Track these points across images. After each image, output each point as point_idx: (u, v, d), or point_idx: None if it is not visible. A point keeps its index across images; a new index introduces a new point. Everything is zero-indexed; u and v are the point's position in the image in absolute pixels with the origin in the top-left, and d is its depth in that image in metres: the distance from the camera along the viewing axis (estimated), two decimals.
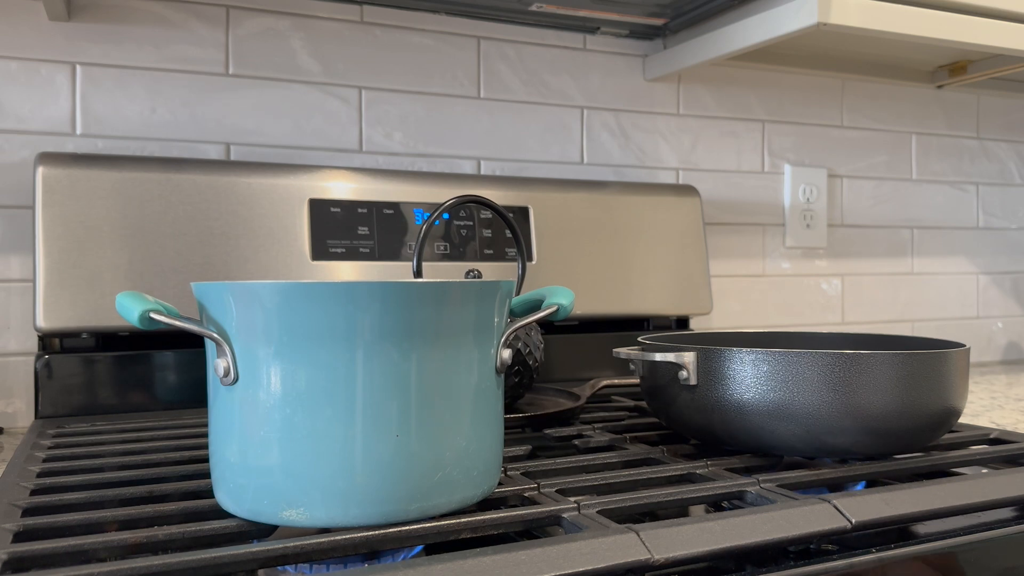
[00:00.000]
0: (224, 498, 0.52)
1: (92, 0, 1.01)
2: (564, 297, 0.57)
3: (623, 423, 0.83)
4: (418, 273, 0.85)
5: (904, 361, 0.63)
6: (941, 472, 0.67)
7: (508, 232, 1.10)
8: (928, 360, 0.64)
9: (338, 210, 1.02)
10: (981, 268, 1.64)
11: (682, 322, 1.25)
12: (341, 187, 1.03)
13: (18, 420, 0.99)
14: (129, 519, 0.52)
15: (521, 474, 0.62)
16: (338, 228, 1.02)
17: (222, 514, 0.52)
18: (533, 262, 1.11)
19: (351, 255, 1.02)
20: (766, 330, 0.84)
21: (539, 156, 1.24)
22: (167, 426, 0.84)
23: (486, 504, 0.55)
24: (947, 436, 0.76)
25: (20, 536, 0.50)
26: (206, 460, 0.65)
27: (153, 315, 0.49)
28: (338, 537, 0.47)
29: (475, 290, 0.51)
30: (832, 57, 1.41)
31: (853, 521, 0.53)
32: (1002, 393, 1.24)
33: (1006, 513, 0.60)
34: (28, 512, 0.54)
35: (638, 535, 0.47)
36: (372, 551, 0.49)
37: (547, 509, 0.52)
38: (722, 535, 0.49)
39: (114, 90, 1.02)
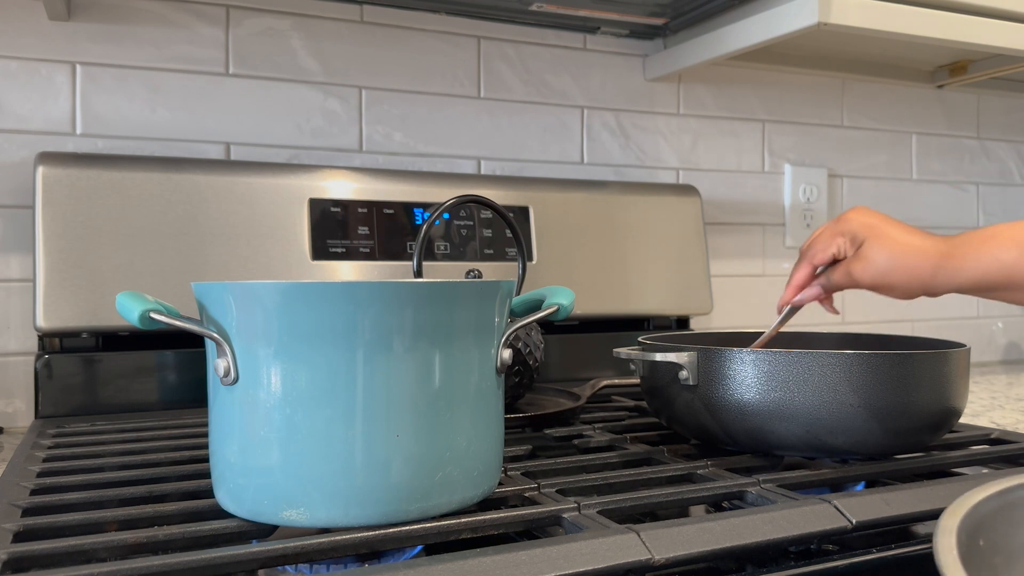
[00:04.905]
0: (224, 498, 0.52)
1: (92, 0, 1.01)
2: (564, 297, 0.57)
3: (623, 423, 0.83)
4: (418, 273, 0.85)
5: (904, 361, 0.63)
6: (941, 472, 0.67)
7: (508, 232, 1.10)
8: (928, 360, 0.64)
9: (338, 210, 1.02)
10: None
11: (682, 322, 1.25)
12: (341, 187, 1.03)
13: (18, 420, 0.99)
14: (129, 519, 0.52)
15: (521, 474, 0.62)
16: (338, 228, 1.02)
17: (222, 514, 0.52)
18: (533, 262, 1.11)
19: (351, 255, 1.02)
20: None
21: (539, 156, 1.24)
22: (167, 426, 0.84)
23: (486, 504, 0.55)
24: (947, 436, 0.76)
25: (20, 536, 0.50)
26: (206, 460, 0.65)
27: (153, 315, 0.49)
28: (338, 537, 0.47)
29: (475, 290, 0.51)
30: (832, 57, 1.41)
31: (853, 521, 0.53)
32: (1002, 393, 1.24)
33: None
34: (28, 512, 0.54)
35: (638, 535, 0.47)
36: (372, 551, 0.49)
37: (547, 509, 0.52)
38: (722, 535, 0.49)
39: (114, 90, 1.02)
